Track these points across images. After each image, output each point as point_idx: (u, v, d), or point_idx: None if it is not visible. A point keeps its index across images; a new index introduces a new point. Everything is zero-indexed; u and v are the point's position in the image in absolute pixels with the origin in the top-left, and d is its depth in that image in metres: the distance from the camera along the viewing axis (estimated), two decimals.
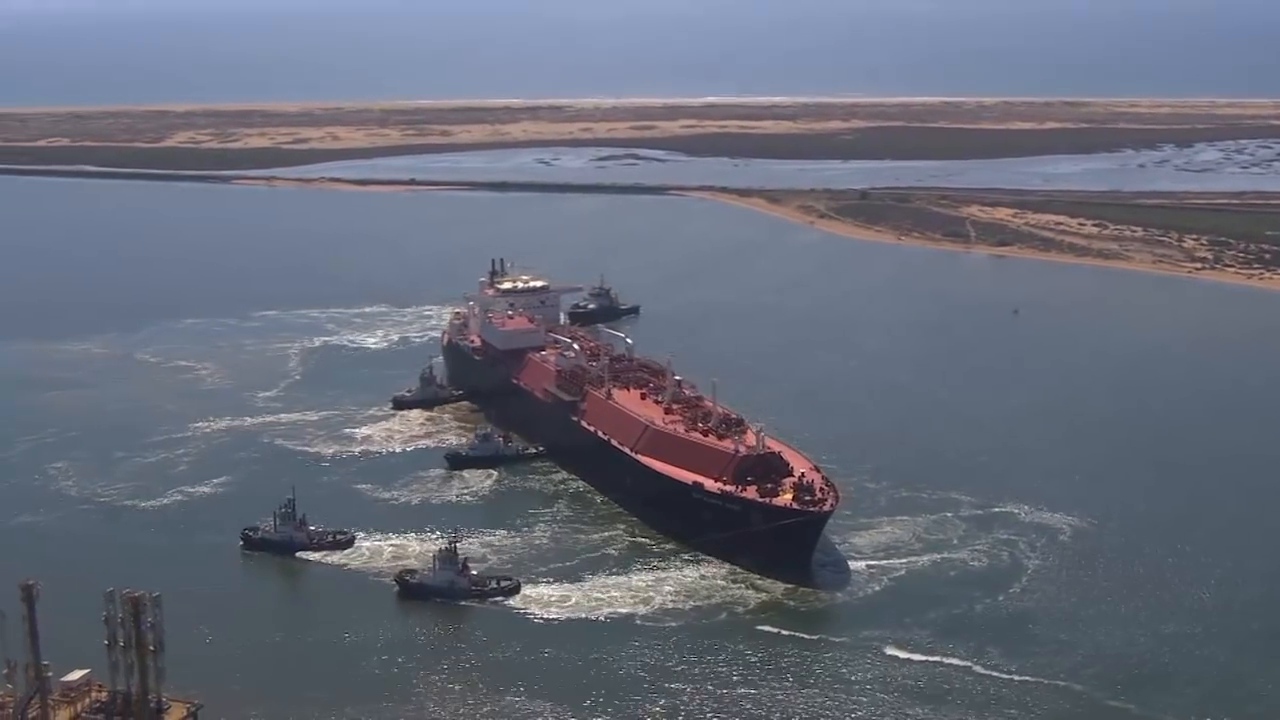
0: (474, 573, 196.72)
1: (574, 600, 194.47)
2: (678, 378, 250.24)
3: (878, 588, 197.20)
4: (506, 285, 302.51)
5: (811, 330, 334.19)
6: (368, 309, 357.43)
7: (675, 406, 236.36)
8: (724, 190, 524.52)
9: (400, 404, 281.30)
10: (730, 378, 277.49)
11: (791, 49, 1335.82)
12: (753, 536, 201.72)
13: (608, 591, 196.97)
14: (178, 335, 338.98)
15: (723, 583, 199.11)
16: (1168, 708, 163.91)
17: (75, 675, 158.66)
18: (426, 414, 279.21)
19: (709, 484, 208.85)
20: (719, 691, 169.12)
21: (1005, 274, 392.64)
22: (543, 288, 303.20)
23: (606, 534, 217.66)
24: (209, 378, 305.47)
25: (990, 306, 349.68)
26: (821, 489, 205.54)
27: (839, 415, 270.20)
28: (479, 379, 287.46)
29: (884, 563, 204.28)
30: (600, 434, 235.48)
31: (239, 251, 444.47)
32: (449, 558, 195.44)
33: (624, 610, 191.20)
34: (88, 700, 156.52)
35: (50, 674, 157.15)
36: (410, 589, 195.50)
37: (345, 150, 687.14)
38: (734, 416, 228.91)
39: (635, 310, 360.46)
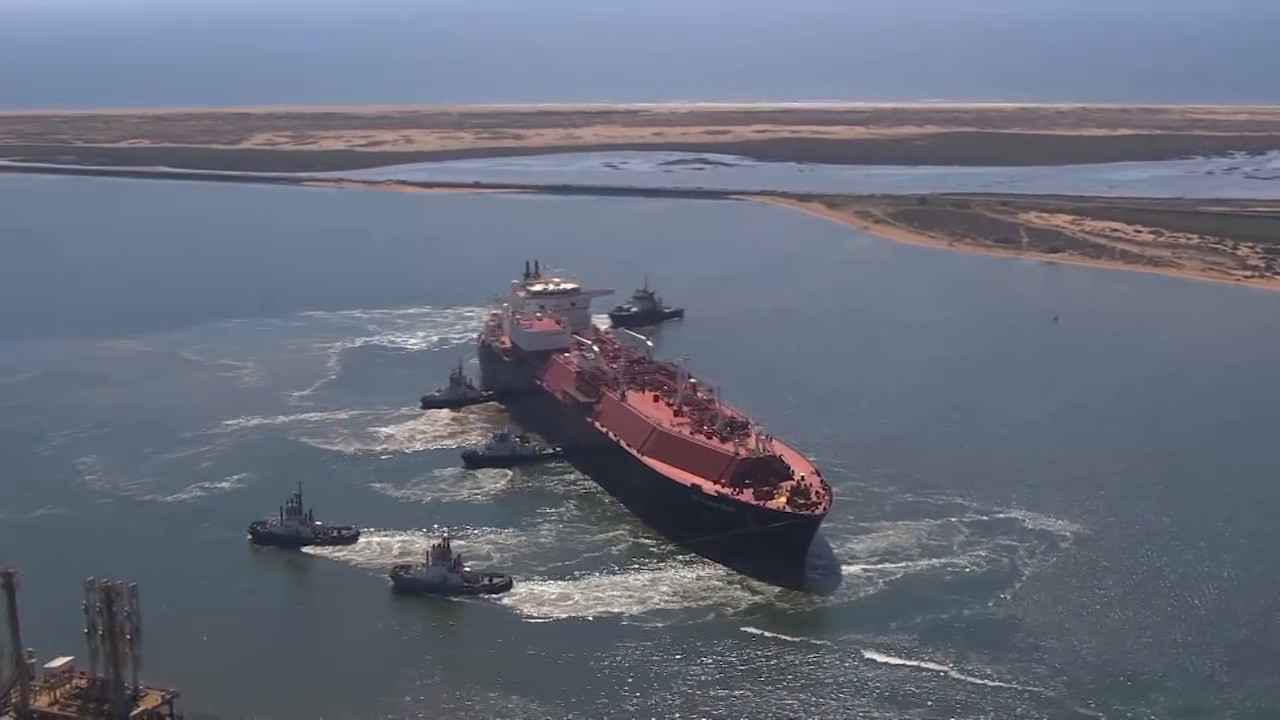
0: (467, 569, 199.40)
1: (565, 598, 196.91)
2: (692, 380, 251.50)
3: (869, 592, 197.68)
4: (537, 287, 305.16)
5: (846, 335, 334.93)
6: (411, 310, 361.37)
7: (686, 409, 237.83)
8: (783, 195, 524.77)
9: (429, 404, 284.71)
10: (759, 380, 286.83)
11: (872, 54, 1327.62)
12: (747, 538, 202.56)
13: (602, 591, 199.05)
14: (224, 334, 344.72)
15: (717, 584, 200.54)
16: (1136, 716, 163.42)
17: (58, 662, 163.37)
18: (453, 414, 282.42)
19: (707, 486, 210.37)
20: (692, 692, 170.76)
21: (1052, 280, 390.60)
22: (573, 290, 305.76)
23: (610, 534, 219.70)
24: (247, 376, 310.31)
25: (1030, 313, 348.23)
26: (817, 493, 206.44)
27: (860, 419, 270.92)
28: (508, 379, 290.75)
29: (880, 567, 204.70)
30: (611, 435, 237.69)
31: (295, 252, 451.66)
32: (442, 554, 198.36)
33: (614, 609, 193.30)
34: (68, 687, 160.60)
35: (34, 660, 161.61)
36: (404, 584, 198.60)
37: (417, 153, 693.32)
38: (739, 419, 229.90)
39: (679, 314, 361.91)
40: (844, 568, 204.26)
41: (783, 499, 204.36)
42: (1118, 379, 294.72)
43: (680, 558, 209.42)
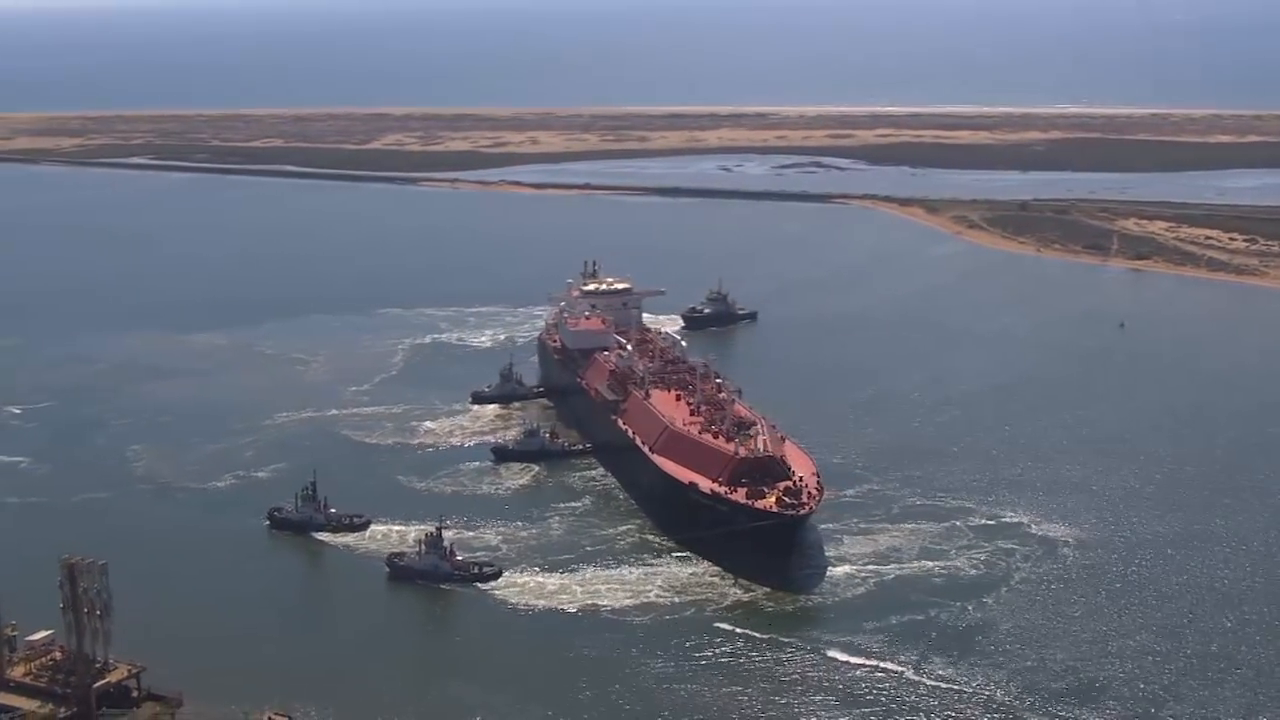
0: (459, 558, 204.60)
1: (554, 589, 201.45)
2: (718, 380, 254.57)
3: (854, 592, 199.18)
4: (590, 287, 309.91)
5: (910, 340, 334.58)
6: (484, 308, 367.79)
7: (704, 408, 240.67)
8: (885, 199, 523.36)
9: (478, 399, 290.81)
10: (813, 382, 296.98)
11: (1018, 58, 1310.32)
12: (737, 536, 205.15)
13: (593, 583, 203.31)
14: (301, 329, 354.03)
15: (706, 581, 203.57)
16: None
17: (39, 635, 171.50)
18: (500, 410, 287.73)
19: (703, 484, 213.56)
20: (647, 685, 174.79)
21: (1132, 287, 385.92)
22: (624, 290, 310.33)
23: (618, 530, 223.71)
24: (312, 370, 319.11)
25: (1099, 319, 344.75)
26: (809, 494, 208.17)
27: (895, 423, 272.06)
28: (556, 377, 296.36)
29: (871, 568, 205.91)
30: (630, 433, 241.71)
31: (389, 251, 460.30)
32: (434, 543, 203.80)
33: (597, 602, 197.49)
34: (44, 659, 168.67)
35: (15, 633, 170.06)
36: (398, 571, 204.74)
37: (540, 154, 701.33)
38: (748, 419, 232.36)
39: (753, 316, 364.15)
40: (835, 568, 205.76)
41: (771, 499, 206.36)
42: (1168, 388, 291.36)
43: (677, 554, 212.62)
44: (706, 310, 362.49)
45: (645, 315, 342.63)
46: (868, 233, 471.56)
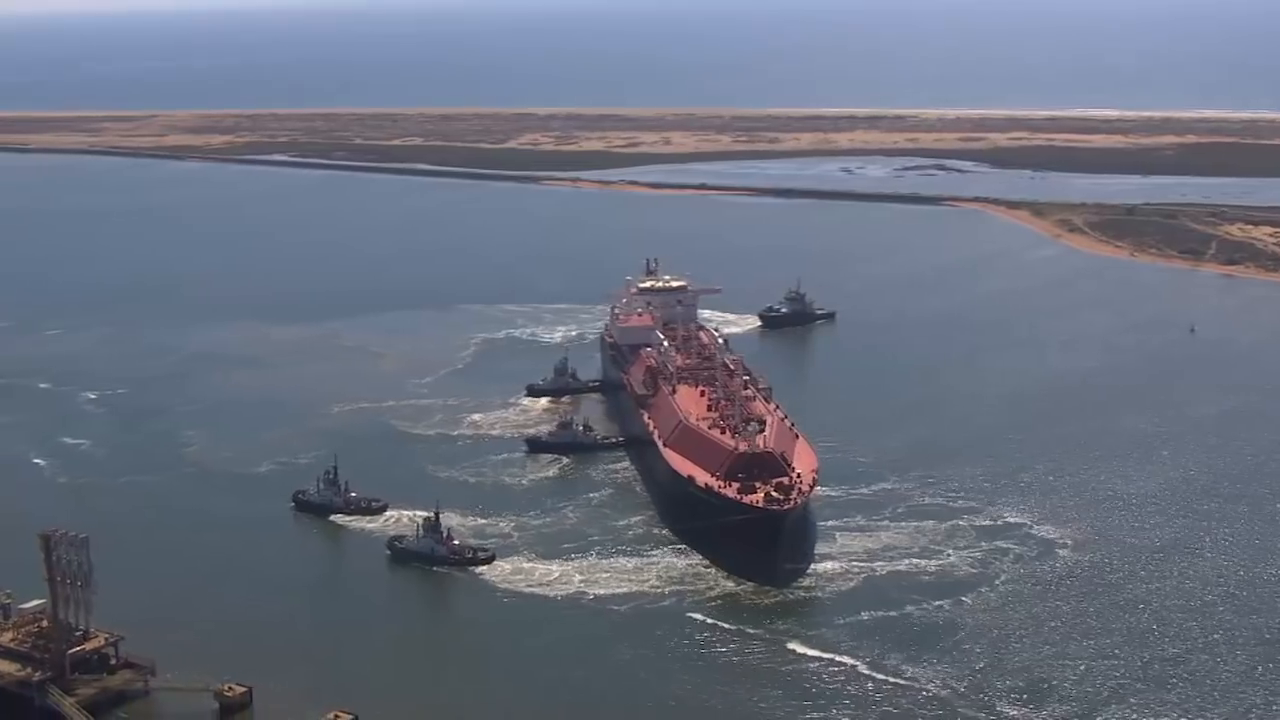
0: (455, 542, 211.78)
1: (545, 575, 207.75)
2: (745, 377, 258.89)
3: (834, 588, 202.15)
4: (645, 284, 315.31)
5: (983, 341, 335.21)
6: (561, 305, 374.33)
7: (722, 404, 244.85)
8: (995, 202, 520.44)
9: (533, 392, 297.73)
10: (872, 383, 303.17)
11: (1191, 56, 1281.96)
12: (727, 530, 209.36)
13: (586, 572, 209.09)
14: (383, 323, 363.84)
15: (696, 572, 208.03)
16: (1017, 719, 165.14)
17: (31, 604, 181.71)
18: (552, 403, 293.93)
19: (700, 477, 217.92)
20: (600, 671, 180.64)
21: (1217, 292, 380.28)
22: (679, 288, 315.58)
23: (627, 521, 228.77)
24: (384, 363, 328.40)
25: (1173, 323, 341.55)
26: (800, 491, 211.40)
27: (935, 422, 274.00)
28: (609, 372, 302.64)
29: (862, 565, 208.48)
30: (650, 426, 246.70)
31: (487, 247, 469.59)
32: (432, 527, 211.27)
33: (583, 589, 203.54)
34: (32, 626, 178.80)
35: (9, 601, 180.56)
36: (397, 553, 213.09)
37: (670, 154, 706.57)
38: (759, 415, 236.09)
39: (831, 316, 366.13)
40: (823, 564, 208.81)
41: (759, 495, 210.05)
42: (1218, 395, 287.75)
43: (674, 546, 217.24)
44: (783, 310, 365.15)
45: (720, 314, 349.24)
46: (966, 235, 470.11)
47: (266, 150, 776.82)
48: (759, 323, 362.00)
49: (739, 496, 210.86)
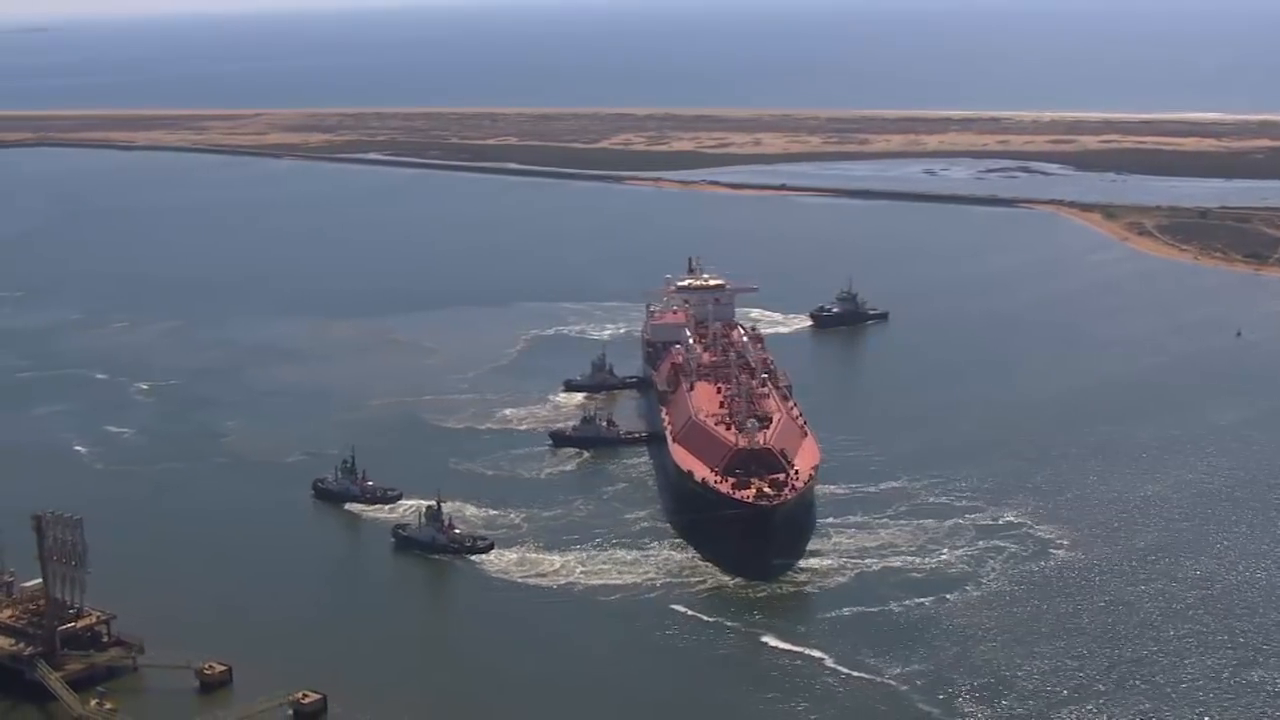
0: (456, 531, 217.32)
1: (541, 565, 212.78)
2: (765, 374, 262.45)
3: (821, 584, 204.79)
4: (683, 282, 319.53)
5: (1030, 344, 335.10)
6: (614, 303, 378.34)
7: (735, 400, 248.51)
8: (1070, 205, 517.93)
9: (571, 387, 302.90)
10: (904, 381, 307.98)
11: None
12: (719, 524, 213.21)
13: (581, 563, 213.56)
14: (439, 320, 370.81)
15: (689, 566, 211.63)
16: (971, 716, 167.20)
17: (32, 583, 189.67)
18: (584, 398, 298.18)
19: (698, 472, 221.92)
20: (569, 658, 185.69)
21: (1272, 296, 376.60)
22: (716, 286, 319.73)
23: (634, 515, 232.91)
24: (431, 358, 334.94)
25: (1222, 327, 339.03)
26: (794, 488, 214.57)
27: (960, 423, 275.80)
28: (645, 368, 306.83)
29: (853, 561, 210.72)
30: (666, 422, 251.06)
31: (555, 246, 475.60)
32: (434, 516, 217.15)
33: (574, 579, 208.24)
34: (30, 604, 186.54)
35: (12, 580, 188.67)
36: (400, 541, 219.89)
37: (755, 155, 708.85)
38: (767, 412, 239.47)
39: (884, 316, 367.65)
40: (813, 560, 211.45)
41: (751, 490, 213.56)
42: (1256, 399, 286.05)
43: (674, 540, 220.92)
44: (835, 309, 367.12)
45: (772, 314, 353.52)
46: (1031, 238, 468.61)
47: (363, 149, 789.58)
48: (810, 322, 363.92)
49: (732, 492, 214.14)
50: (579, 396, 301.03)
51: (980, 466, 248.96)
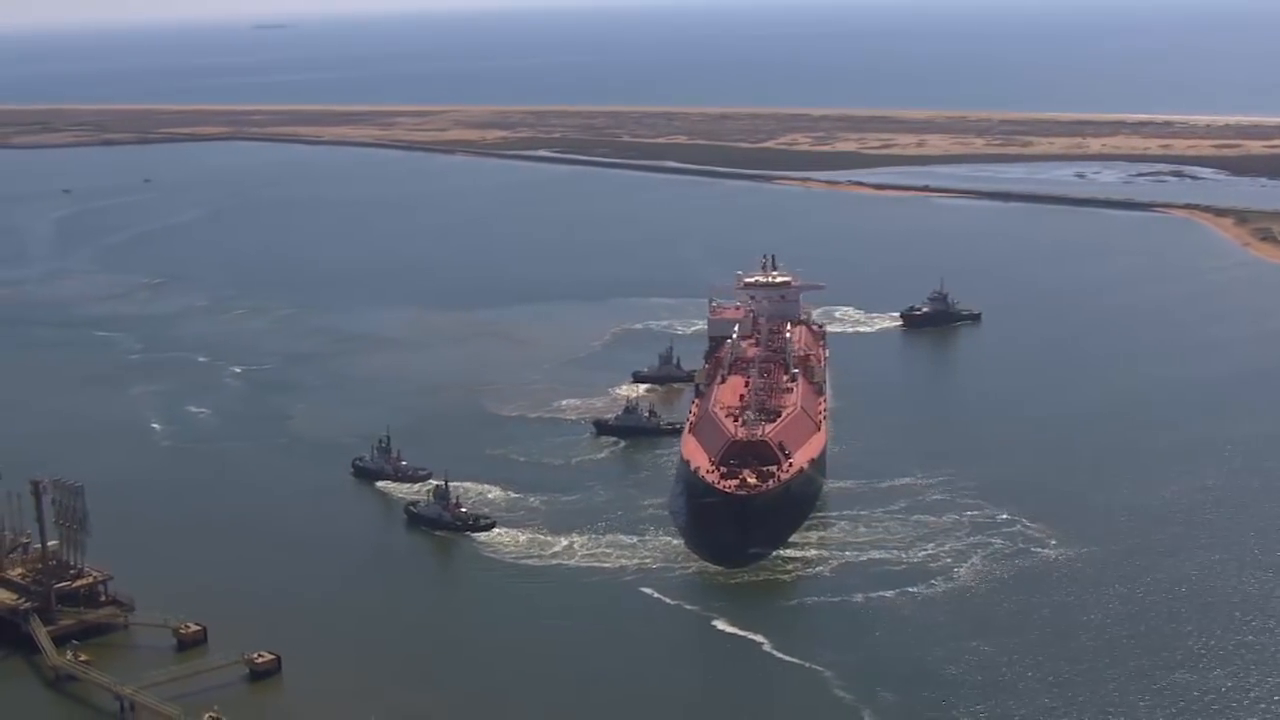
0: (462, 509, 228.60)
1: (540, 545, 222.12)
2: (795, 370, 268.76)
3: (793, 573, 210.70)
4: (751, 279, 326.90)
5: (1111, 352, 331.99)
6: (704, 300, 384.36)
7: (756, 394, 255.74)
8: (1204, 210, 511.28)
9: (638, 379, 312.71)
10: (965, 383, 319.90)
11: None
12: (705, 511, 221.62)
13: (578, 547, 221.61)
14: (538, 312, 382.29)
15: (673, 552, 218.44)
16: (899, 706, 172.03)
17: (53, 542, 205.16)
18: (648, 390, 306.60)
19: (695, 461, 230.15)
20: (527, 635, 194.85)
21: None
22: (783, 283, 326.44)
23: (648, 502, 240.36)
24: (515, 349, 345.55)
25: None
26: (776, 479, 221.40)
27: (1001, 423, 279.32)
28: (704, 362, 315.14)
29: (835, 552, 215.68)
30: (691, 414, 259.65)
31: (672, 244, 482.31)
32: (442, 494, 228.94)
33: (566, 560, 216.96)
34: (38, 563, 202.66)
35: (27, 540, 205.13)
36: (412, 518, 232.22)
37: (915, 156, 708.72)
38: (779, 407, 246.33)
39: (976, 317, 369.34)
40: (791, 550, 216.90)
41: (734, 481, 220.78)
42: None
43: (671, 528, 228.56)
44: (925, 310, 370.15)
45: (862, 313, 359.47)
46: (1154, 242, 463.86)
47: (535, 145, 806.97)
48: (900, 322, 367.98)
49: (718, 482, 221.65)
50: (643, 388, 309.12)
51: (995, 467, 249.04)
